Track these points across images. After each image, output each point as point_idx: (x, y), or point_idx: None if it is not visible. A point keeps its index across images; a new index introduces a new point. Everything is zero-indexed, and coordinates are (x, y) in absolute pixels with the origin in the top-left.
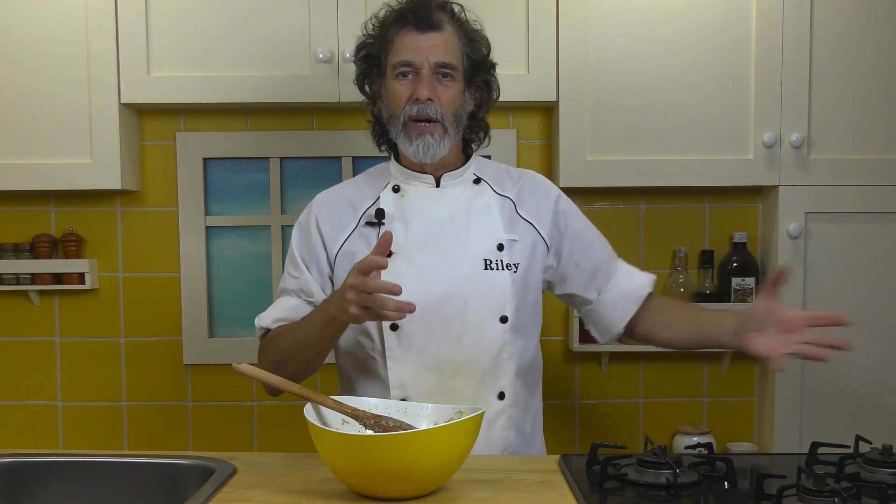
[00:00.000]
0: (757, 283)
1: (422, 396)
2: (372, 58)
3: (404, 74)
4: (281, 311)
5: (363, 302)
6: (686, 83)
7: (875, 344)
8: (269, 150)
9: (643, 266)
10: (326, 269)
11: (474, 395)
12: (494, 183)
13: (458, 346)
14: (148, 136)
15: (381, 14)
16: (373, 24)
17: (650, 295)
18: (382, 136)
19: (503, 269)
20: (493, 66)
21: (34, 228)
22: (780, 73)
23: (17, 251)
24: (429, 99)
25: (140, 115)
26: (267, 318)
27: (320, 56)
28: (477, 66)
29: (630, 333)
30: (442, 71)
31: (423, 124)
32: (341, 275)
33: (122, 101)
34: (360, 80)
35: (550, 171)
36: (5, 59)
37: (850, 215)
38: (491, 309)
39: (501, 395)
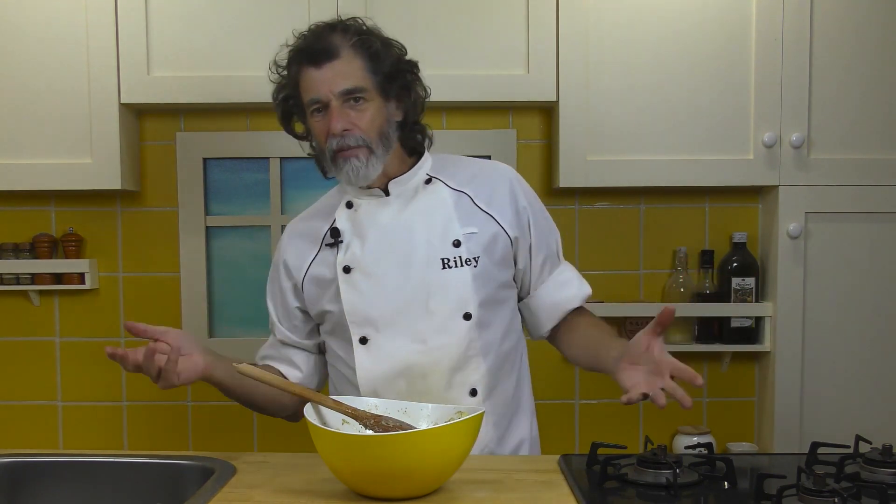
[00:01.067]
0: (757, 283)
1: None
2: (289, 98)
3: (317, 111)
4: (265, 348)
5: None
6: (686, 83)
7: (875, 344)
8: (269, 150)
9: (643, 266)
10: (291, 302)
11: (445, 394)
12: (449, 178)
13: (425, 350)
14: (148, 136)
15: (279, 57)
16: (277, 69)
17: (578, 309)
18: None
19: (462, 265)
20: (410, 67)
21: (34, 228)
22: (780, 73)
23: (17, 251)
24: (346, 129)
25: (140, 115)
26: (259, 353)
27: None
28: (390, 77)
29: (552, 340)
30: (351, 97)
31: (346, 151)
32: (309, 299)
33: (122, 101)
34: (285, 121)
35: (550, 171)
36: (5, 59)
37: (850, 215)
38: (453, 307)
39: (473, 392)
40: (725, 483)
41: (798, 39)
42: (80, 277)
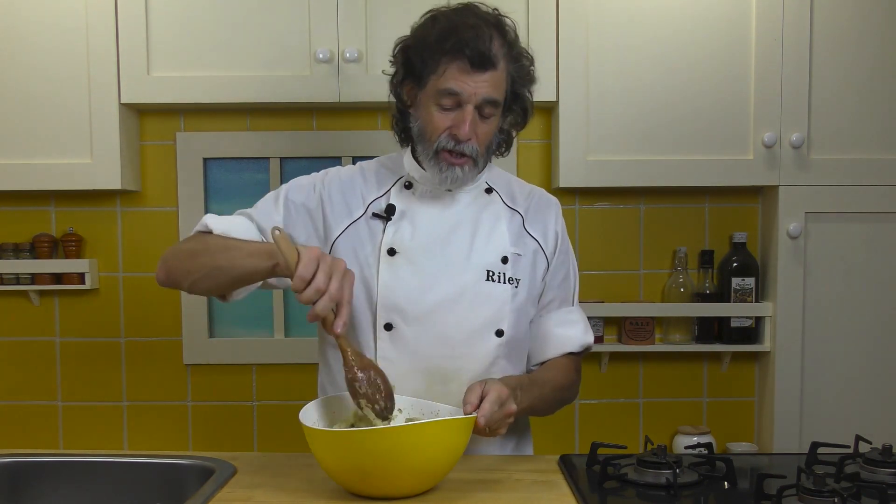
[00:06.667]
0: (757, 283)
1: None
2: (412, 64)
3: (447, 105)
4: (233, 225)
5: (333, 297)
6: (686, 83)
7: (875, 344)
8: (269, 150)
9: (643, 266)
10: (298, 237)
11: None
12: (505, 195)
13: (451, 355)
14: (148, 136)
15: (434, 32)
16: (421, 33)
17: (567, 354)
18: (405, 130)
19: (505, 282)
20: (531, 84)
21: (34, 228)
22: (780, 73)
23: (17, 251)
24: (469, 138)
25: (140, 115)
26: (216, 224)
27: (320, 56)
28: (517, 96)
29: None
30: (486, 108)
31: (455, 157)
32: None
33: (122, 101)
34: (398, 80)
35: (550, 171)
36: (5, 59)
37: (850, 215)
38: (488, 321)
39: None
40: (725, 483)
41: (798, 39)
42: (80, 277)
